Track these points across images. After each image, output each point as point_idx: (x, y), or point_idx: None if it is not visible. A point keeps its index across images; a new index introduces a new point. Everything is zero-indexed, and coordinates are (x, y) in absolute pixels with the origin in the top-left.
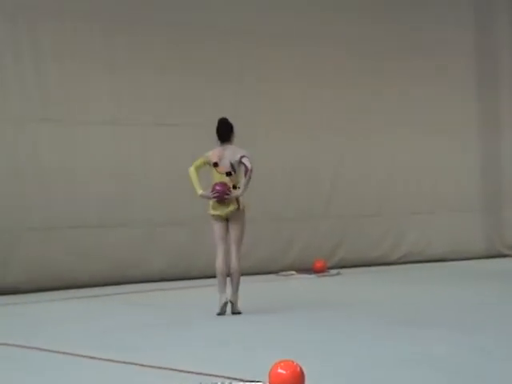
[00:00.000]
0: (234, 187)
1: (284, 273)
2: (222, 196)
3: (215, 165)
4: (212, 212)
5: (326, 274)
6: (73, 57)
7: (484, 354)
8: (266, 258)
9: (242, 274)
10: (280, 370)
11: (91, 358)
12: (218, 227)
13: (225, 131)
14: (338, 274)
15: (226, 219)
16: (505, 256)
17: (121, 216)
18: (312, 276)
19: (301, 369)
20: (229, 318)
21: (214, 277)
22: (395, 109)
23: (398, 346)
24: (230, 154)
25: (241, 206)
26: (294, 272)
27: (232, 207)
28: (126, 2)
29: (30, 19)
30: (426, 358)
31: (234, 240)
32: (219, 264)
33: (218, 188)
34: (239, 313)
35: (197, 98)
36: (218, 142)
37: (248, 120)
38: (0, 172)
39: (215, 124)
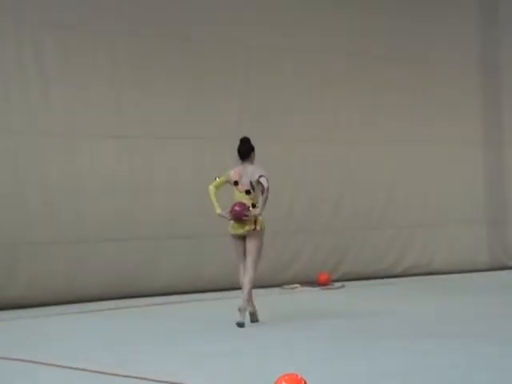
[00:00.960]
0: (254, 205)
1: (288, 286)
2: (239, 217)
3: (235, 183)
4: (231, 231)
5: (330, 286)
6: (77, 70)
7: (490, 365)
8: (271, 271)
9: None
10: None
11: (98, 372)
12: (236, 246)
13: (245, 150)
14: (342, 286)
15: (244, 237)
16: (509, 268)
17: (125, 230)
18: (316, 289)
19: (305, 382)
20: (232, 331)
21: (219, 290)
22: (399, 121)
23: (401, 358)
24: (249, 172)
25: (258, 227)
26: (298, 285)
27: (248, 227)
28: (131, 16)
29: (35, 34)
30: (431, 369)
31: (249, 259)
32: (241, 279)
33: (236, 208)
34: (242, 324)
35: (202, 113)
36: (239, 161)
37: (252, 133)
38: (3, 185)
39: (220, 138)
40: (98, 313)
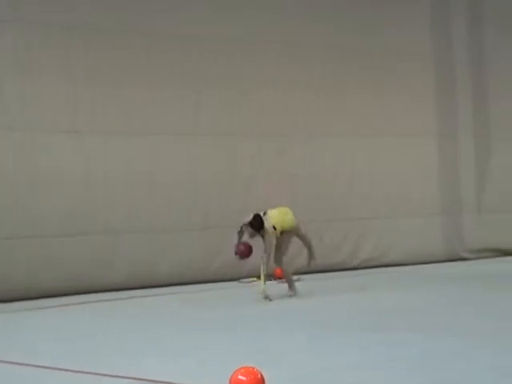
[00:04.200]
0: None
1: (245, 279)
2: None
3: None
4: None
5: None
6: (34, 67)
7: (442, 356)
8: (227, 265)
9: (205, 281)
10: (240, 377)
11: (58, 369)
12: None
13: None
14: (297, 280)
15: None
16: (464, 260)
17: (82, 224)
18: (273, 282)
19: (261, 375)
20: (187, 326)
21: (176, 284)
22: (353, 115)
23: (357, 350)
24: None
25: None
26: (255, 278)
27: None
28: (90, 11)
29: None
30: (387, 361)
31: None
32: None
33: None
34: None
35: (156, 109)
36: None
37: (214, 128)
38: None
39: (177, 132)
40: (58, 308)
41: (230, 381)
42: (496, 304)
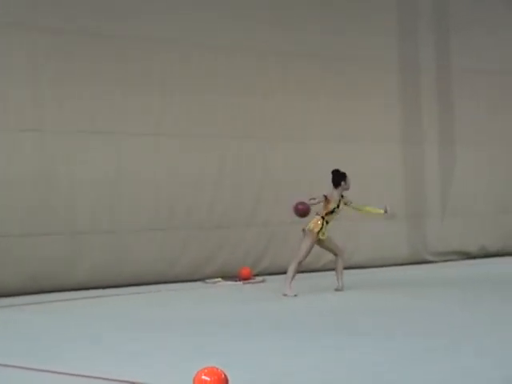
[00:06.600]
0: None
1: (210, 280)
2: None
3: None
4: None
5: (251, 281)
6: None
7: (400, 359)
8: (193, 265)
9: (169, 282)
10: (204, 377)
11: (22, 368)
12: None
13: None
14: (263, 281)
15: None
16: (428, 262)
17: (43, 224)
18: (238, 283)
19: (225, 375)
20: (151, 326)
21: (138, 284)
22: (318, 121)
23: (321, 353)
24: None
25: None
26: (220, 279)
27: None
28: (53, 12)
29: None
30: (346, 364)
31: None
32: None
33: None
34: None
35: (123, 109)
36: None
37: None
38: None
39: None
40: (18, 307)
41: (194, 381)
42: (459, 306)
